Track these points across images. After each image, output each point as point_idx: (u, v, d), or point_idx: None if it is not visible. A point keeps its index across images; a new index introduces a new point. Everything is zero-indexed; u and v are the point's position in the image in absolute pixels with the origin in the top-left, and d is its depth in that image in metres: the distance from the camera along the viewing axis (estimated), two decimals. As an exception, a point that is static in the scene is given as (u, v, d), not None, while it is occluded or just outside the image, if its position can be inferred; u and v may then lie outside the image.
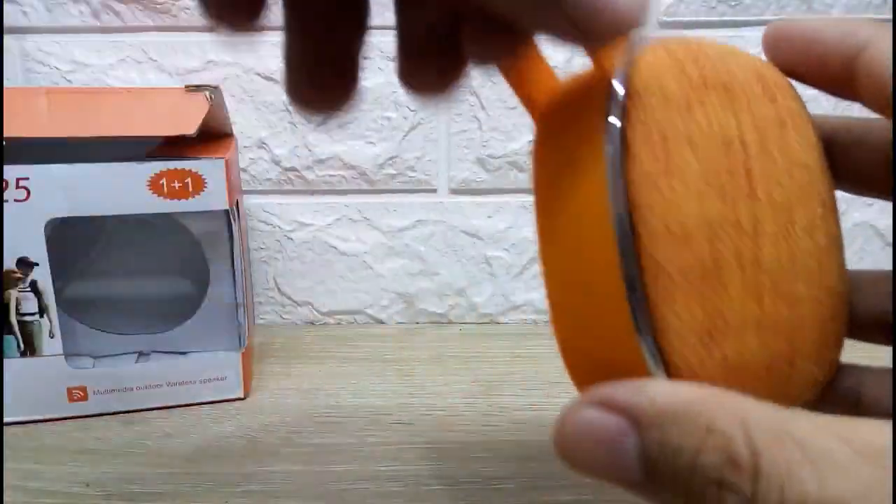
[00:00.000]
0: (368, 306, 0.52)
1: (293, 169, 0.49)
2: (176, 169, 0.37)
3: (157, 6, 0.46)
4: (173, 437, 0.38)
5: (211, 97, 0.39)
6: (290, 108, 0.48)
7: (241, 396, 0.41)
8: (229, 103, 0.47)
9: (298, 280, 0.52)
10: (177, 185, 0.37)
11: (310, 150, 0.49)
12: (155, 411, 0.40)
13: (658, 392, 0.15)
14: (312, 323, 0.53)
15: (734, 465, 0.14)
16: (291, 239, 0.51)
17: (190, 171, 0.37)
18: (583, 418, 0.16)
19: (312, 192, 0.50)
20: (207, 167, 0.37)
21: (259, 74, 0.48)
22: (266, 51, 0.47)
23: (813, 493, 0.14)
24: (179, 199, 0.37)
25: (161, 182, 0.37)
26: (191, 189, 0.37)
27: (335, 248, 0.51)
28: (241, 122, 0.48)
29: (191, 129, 0.36)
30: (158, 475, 0.34)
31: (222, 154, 0.38)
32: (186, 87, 0.40)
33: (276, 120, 0.48)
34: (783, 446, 0.14)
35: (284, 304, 0.52)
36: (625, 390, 0.16)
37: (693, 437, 0.15)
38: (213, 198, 0.37)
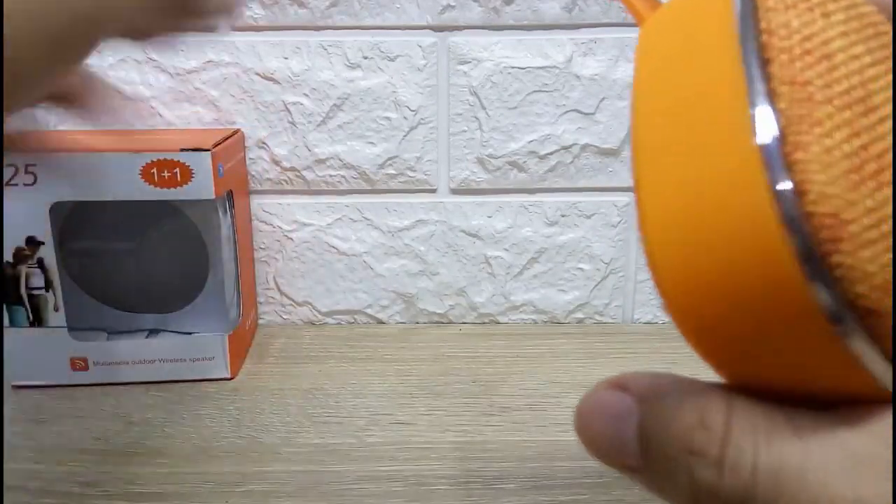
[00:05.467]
0: (368, 306, 0.52)
1: (293, 169, 0.49)
2: (165, 160, 0.40)
3: (157, 6, 0.46)
4: (173, 437, 0.38)
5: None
6: (290, 107, 0.48)
7: (228, 377, 0.43)
8: (229, 103, 0.48)
9: (298, 280, 0.52)
10: (166, 174, 0.40)
11: (310, 150, 0.49)
12: (154, 411, 0.40)
13: (669, 377, 0.16)
14: (312, 323, 0.53)
15: (704, 426, 0.14)
16: (291, 239, 0.51)
17: (178, 161, 0.40)
18: (597, 397, 0.16)
19: (312, 192, 0.50)
20: (194, 159, 0.40)
21: (259, 74, 0.48)
22: (266, 51, 0.47)
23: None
24: (169, 187, 0.40)
25: (152, 171, 0.40)
26: (179, 179, 0.40)
27: (335, 248, 0.51)
28: (241, 122, 0.48)
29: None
30: (158, 475, 0.34)
31: (209, 147, 0.41)
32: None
33: (276, 120, 0.48)
34: (755, 429, 0.14)
35: (284, 304, 0.52)
36: (638, 376, 0.16)
37: (681, 409, 0.15)
38: (201, 188, 0.40)
